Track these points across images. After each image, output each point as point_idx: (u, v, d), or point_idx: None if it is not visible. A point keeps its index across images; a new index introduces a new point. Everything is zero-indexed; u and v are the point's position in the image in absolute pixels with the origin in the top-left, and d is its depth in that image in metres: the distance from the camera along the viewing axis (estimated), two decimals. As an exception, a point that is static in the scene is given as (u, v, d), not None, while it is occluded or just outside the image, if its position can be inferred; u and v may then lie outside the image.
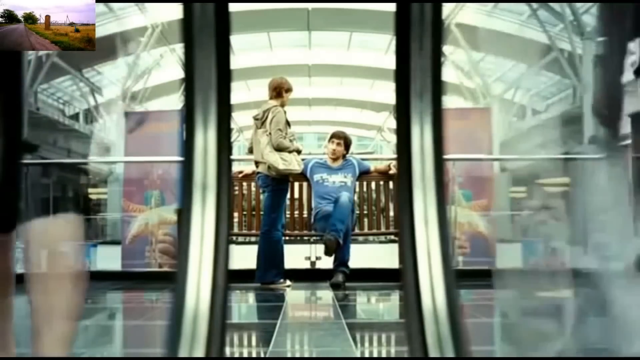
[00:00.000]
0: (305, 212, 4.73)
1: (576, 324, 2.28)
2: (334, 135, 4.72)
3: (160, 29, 14.28)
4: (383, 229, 4.90)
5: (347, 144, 4.69)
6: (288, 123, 4.19)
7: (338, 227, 4.13)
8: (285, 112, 4.17)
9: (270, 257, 4.18)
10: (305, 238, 4.79)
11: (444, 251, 0.96)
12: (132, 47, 14.27)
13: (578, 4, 12.97)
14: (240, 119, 19.80)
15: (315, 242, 4.96)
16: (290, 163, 4.09)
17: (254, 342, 2.51)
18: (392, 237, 5.23)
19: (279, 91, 4.22)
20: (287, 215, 4.71)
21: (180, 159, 0.97)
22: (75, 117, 17.86)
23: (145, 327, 2.91)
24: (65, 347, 1.21)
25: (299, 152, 4.24)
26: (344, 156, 4.70)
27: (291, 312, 3.35)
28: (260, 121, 4.17)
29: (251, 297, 4.02)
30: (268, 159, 4.09)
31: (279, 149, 4.07)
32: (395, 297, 3.95)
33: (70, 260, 1.27)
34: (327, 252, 4.20)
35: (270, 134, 4.07)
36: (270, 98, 4.23)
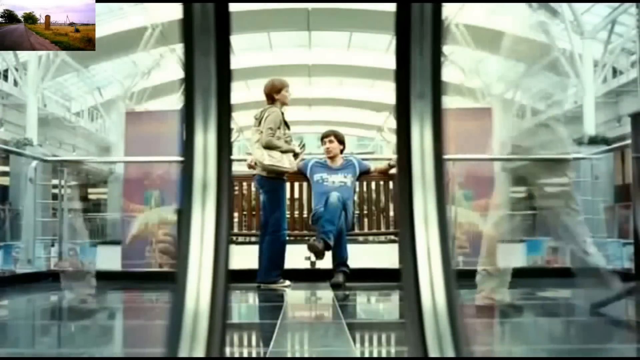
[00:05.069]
0: (305, 212, 4.73)
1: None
2: (323, 136, 4.74)
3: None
4: (383, 229, 4.91)
5: (339, 139, 4.70)
6: (287, 124, 4.19)
7: (327, 229, 4.12)
8: (282, 114, 4.17)
9: (275, 257, 4.18)
10: (306, 238, 4.79)
11: (444, 251, 0.96)
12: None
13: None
14: (240, 119, 19.79)
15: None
16: (280, 161, 4.08)
17: (254, 342, 2.51)
18: (392, 237, 5.23)
19: (272, 96, 4.21)
20: (287, 215, 4.71)
21: (180, 159, 0.97)
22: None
23: (145, 327, 2.91)
24: None
25: (295, 155, 4.23)
26: (342, 153, 4.71)
27: (291, 312, 3.35)
28: (258, 120, 4.19)
29: (251, 297, 4.02)
30: (254, 153, 4.11)
31: (268, 147, 4.06)
32: (395, 297, 3.95)
33: None
34: (316, 257, 4.23)
35: (262, 132, 4.09)
36: (267, 104, 4.24)
